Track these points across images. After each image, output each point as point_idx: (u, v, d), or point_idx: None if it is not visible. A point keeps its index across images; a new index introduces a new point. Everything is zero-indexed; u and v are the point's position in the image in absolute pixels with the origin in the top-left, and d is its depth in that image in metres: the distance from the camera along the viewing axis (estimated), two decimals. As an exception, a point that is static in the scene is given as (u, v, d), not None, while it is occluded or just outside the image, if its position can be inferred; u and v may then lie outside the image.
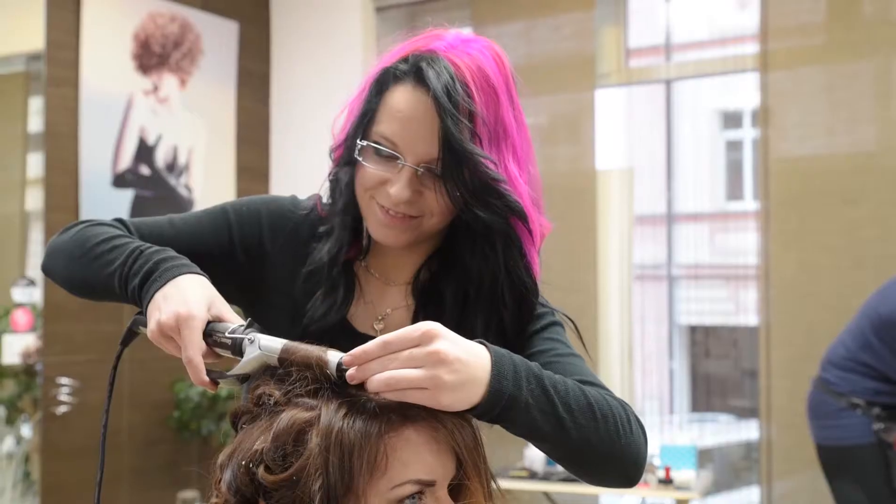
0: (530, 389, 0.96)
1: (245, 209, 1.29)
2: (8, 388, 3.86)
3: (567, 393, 1.00)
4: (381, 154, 1.16)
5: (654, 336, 7.96)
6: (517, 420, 0.96)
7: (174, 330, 1.02)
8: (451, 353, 0.89)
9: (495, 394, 0.93)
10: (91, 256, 1.18)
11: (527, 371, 0.97)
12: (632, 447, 1.06)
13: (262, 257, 1.27)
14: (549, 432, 0.98)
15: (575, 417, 0.99)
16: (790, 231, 3.91)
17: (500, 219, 1.15)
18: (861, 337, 2.97)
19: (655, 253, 7.94)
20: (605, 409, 1.03)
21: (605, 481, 1.11)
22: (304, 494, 0.83)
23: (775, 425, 3.94)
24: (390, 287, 1.27)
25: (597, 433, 1.01)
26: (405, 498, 0.86)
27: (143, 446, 4.45)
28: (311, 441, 0.85)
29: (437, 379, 0.87)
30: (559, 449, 1.02)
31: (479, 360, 0.92)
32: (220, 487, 0.90)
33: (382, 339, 0.89)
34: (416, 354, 0.88)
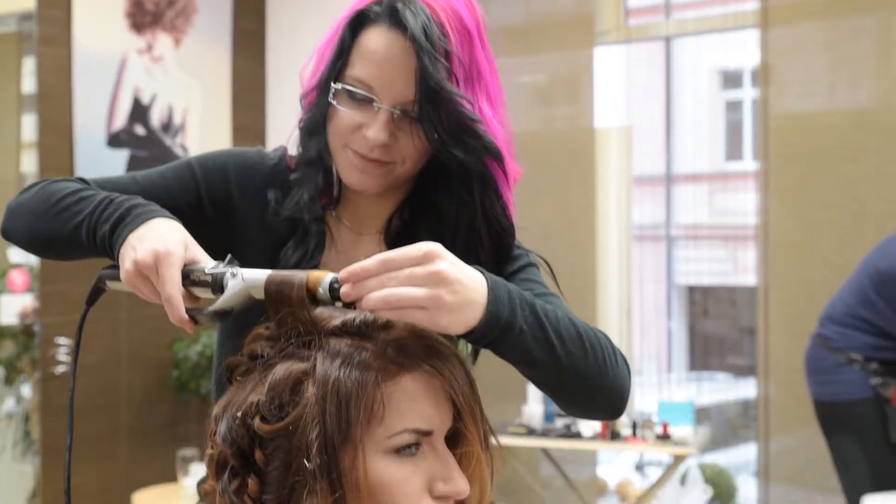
0: (524, 316, 0.96)
1: (210, 162, 1.27)
2: (7, 348, 3.87)
3: (558, 322, 1.00)
4: (355, 98, 1.15)
5: (653, 296, 7.98)
6: (512, 346, 0.96)
7: (151, 269, 0.99)
8: (453, 274, 0.88)
9: (492, 318, 0.92)
10: (56, 210, 1.15)
11: (520, 298, 0.96)
12: (618, 379, 1.06)
13: (230, 210, 1.25)
14: (542, 359, 0.98)
15: (566, 346, 0.99)
16: (790, 189, 3.90)
17: (477, 159, 1.14)
18: (860, 293, 2.97)
19: (654, 213, 7.94)
20: (593, 339, 1.04)
21: (592, 412, 1.12)
22: (300, 444, 0.83)
23: (773, 383, 3.96)
24: (363, 237, 1.26)
25: (586, 363, 1.01)
26: (402, 447, 0.85)
27: (141, 406, 4.47)
28: (307, 391, 0.84)
29: (437, 299, 0.86)
30: (550, 377, 1.02)
31: (478, 284, 0.91)
32: (215, 439, 0.89)
33: (381, 257, 0.87)
34: (418, 273, 0.86)
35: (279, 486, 0.84)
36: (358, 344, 0.87)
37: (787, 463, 3.93)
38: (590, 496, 4.28)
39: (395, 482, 0.84)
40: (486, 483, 0.93)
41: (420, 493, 0.86)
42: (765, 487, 4.01)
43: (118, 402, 4.38)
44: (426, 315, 0.87)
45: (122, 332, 4.41)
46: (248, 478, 0.85)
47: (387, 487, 0.84)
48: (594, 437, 3.37)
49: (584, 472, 4.39)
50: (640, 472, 5.66)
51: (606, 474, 5.20)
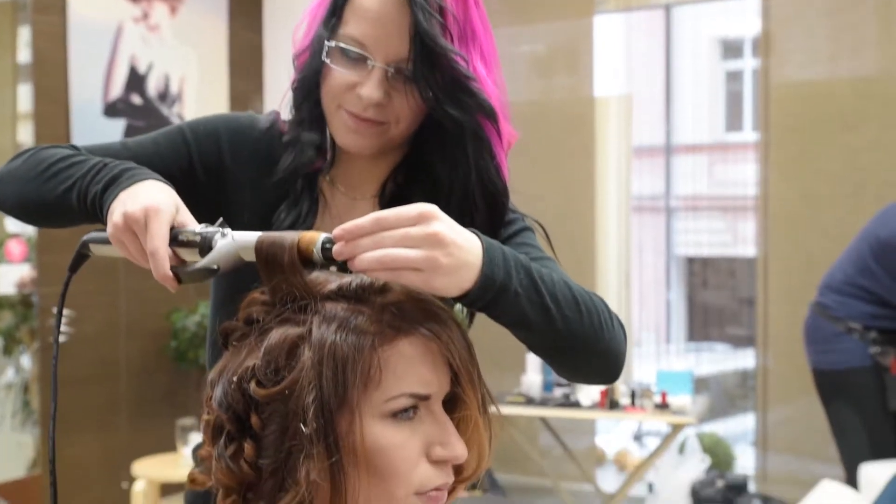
0: (519, 279, 0.94)
1: (202, 128, 1.25)
2: (5, 319, 3.86)
3: (553, 285, 0.99)
4: (349, 56, 1.13)
5: (652, 267, 7.99)
6: (507, 308, 0.95)
7: (140, 223, 0.97)
8: (449, 236, 0.86)
9: (487, 280, 0.91)
10: (47, 176, 1.13)
11: (515, 261, 0.95)
12: (614, 343, 1.06)
13: (222, 176, 1.24)
14: (537, 322, 0.97)
15: (561, 309, 0.98)
16: (790, 159, 3.88)
17: (471, 117, 1.13)
18: (860, 261, 2.96)
19: (653, 184, 7.93)
20: (588, 303, 1.02)
21: (588, 376, 1.11)
22: (297, 408, 0.82)
23: (772, 353, 3.96)
24: (357, 201, 1.25)
25: (581, 326, 1.00)
26: (399, 411, 0.84)
27: (140, 376, 4.48)
28: (303, 355, 0.83)
29: (433, 260, 0.85)
30: (545, 340, 1.01)
31: (473, 246, 0.90)
32: (211, 404, 0.88)
33: (376, 215, 0.86)
34: (413, 234, 0.85)
35: (275, 450, 0.83)
36: (354, 308, 0.86)
37: (785, 432, 3.94)
38: (588, 465, 4.30)
39: (392, 446, 0.83)
40: (483, 447, 0.92)
41: (417, 458, 0.85)
42: (762, 456, 4.03)
43: (117, 372, 4.39)
44: (421, 277, 0.85)
45: (120, 303, 4.40)
46: (244, 442, 0.84)
47: (384, 452, 0.83)
48: (593, 407, 3.38)
49: (582, 442, 4.41)
50: (639, 442, 5.68)
51: (605, 444, 5.23)
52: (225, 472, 0.84)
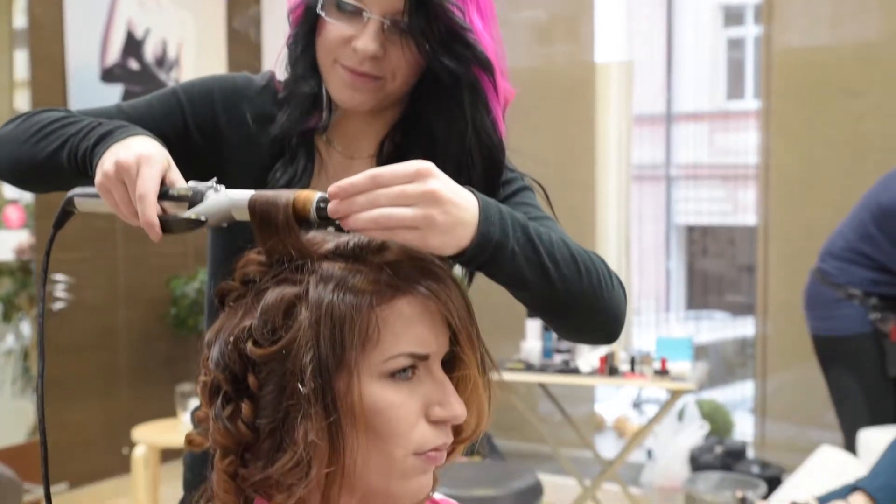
0: (516, 237, 0.94)
1: (196, 89, 1.24)
2: (5, 285, 3.86)
3: (552, 244, 0.98)
4: (344, 9, 1.12)
5: (652, 236, 7.98)
6: (503, 267, 0.94)
7: (131, 170, 0.96)
8: (445, 194, 0.85)
9: (483, 239, 0.90)
10: (39, 136, 1.12)
11: (512, 219, 0.94)
12: (613, 302, 1.05)
13: (217, 136, 1.23)
14: (534, 281, 0.97)
15: (559, 268, 0.98)
16: (791, 126, 3.86)
17: (467, 69, 1.12)
18: (861, 227, 2.95)
19: (654, 153, 7.91)
20: (587, 262, 1.02)
21: (587, 336, 1.10)
22: (294, 367, 0.81)
23: (771, 320, 3.96)
24: (354, 161, 1.24)
25: (580, 285, 1.00)
26: (398, 371, 0.84)
27: (140, 343, 4.48)
28: (300, 314, 0.82)
29: (429, 219, 0.84)
30: (543, 300, 1.00)
31: (469, 204, 0.89)
32: (207, 365, 0.88)
33: (371, 173, 0.85)
34: (410, 192, 0.84)
35: (273, 410, 0.82)
36: (352, 267, 0.85)
37: (784, 400, 3.95)
38: (587, 432, 4.32)
39: (391, 406, 0.83)
40: (483, 407, 0.91)
41: (416, 418, 0.84)
42: (761, 423, 4.04)
43: (117, 339, 4.39)
44: (417, 235, 0.85)
45: (119, 271, 4.40)
46: (241, 403, 0.84)
47: (382, 412, 0.83)
48: (592, 373, 3.38)
49: (581, 409, 4.42)
50: (638, 410, 5.71)
51: (604, 412, 5.25)
52: (222, 432, 0.84)
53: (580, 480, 3.60)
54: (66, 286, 4.13)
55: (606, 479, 3.57)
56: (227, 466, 0.84)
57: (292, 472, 0.80)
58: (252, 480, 0.83)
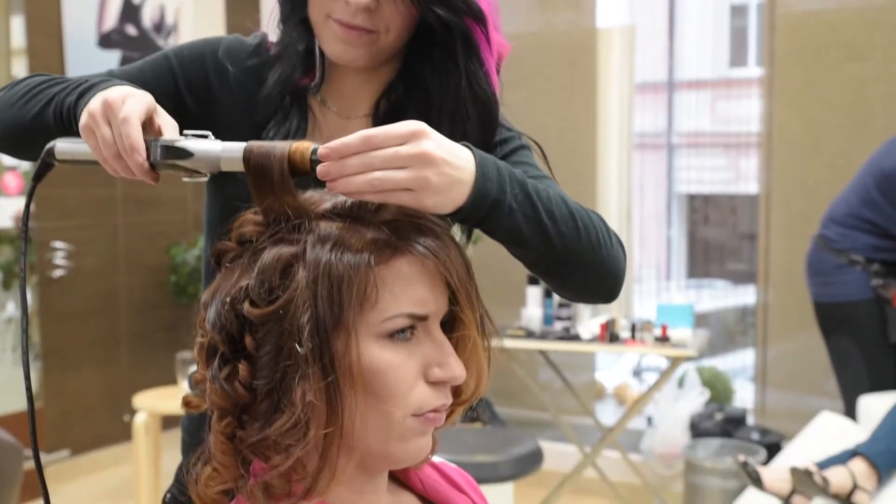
0: (514, 194, 0.93)
1: (187, 52, 1.23)
2: (4, 253, 3.85)
3: (549, 200, 0.97)
4: None
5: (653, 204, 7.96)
6: (501, 224, 0.94)
7: (116, 105, 0.94)
8: (439, 154, 0.85)
9: (480, 196, 0.90)
10: (27, 98, 1.11)
11: (510, 175, 0.94)
12: (612, 259, 1.05)
13: (209, 100, 1.22)
14: (532, 238, 0.96)
15: (557, 225, 0.97)
16: (795, 92, 3.83)
17: (459, 19, 1.11)
18: (864, 192, 2.94)
19: (656, 121, 7.86)
20: (586, 219, 1.01)
21: (584, 294, 1.10)
22: (291, 328, 0.80)
23: (773, 288, 3.96)
24: (350, 121, 1.22)
25: (578, 242, 1.00)
26: (396, 331, 0.83)
27: (141, 310, 4.49)
28: (297, 274, 0.81)
29: (423, 180, 0.84)
30: (541, 257, 1.00)
31: (465, 163, 0.89)
32: (204, 326, 0.87)
33: (364, 134, 0.83)
34: (403, 153, 0.83)
35: (270, 371, 0.81)
36: (350, 227, 0.84)
37: (784, 367, 3.96)
38: (588, 399, 4.33)
39: (389, 367, 0.82)
40: (482, 368, 0.90)
41: (415, 379, 0.84)
42: (761, 391, 4.05)
43: (117, 306, 4.40)
44: (412, 196, 0.84)
45: (119, 238, 4.40)
46: (238, 364, 0.83)
47: (381, 373, 0.82)
48: (593, 340, 3.38)
49: (582, 377, 4.43)
50: (638, 378, 5.72)
51: (604, 379, 5.25)
52: (219, 393, 0.83)
53: (580, 447, 3.61)
54: (66, 253, 4.12)
55: (606, 445, 3.58)
56: (225, 428, 0.84)
57: (290, 434, 0.80)
58: (249, 442, 0.82)
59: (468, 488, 1.04)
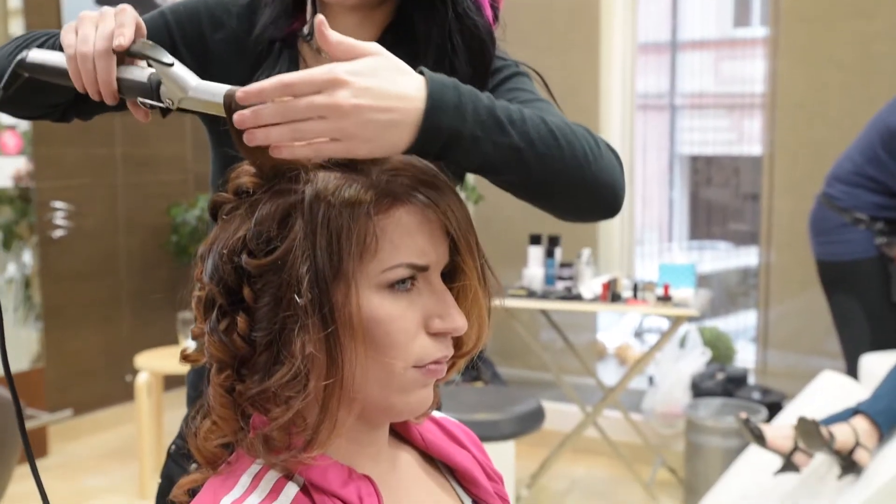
0: (479, 121, 0.89)
1: (182, 7, 1.22)
2: (4, 213, 3.84)
3: (524, 122, 0.93)
4: None
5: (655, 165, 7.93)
6: (465, 154, 0.89)
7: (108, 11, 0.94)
8: (359, 102, 0.80)
9: (431, 132, 0.85)
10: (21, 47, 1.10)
11: (475, 102, 0.89)
12: (604, 172, 1.00)
13: (205, 55, 1.20)
14: (508, 164, 0.92)
15: (534, 146, 0.93)
16: (799, 50, 3.79)
17: None
18: (869, 150, 2.92)
19: (658, 81, 7.81)
20: (568, 135, 0.97)
21: (584, 212, 1.05)
22: (290, 278, 0.79)
23: (775, 248, 3.94)
24: None
25: (562, 160, 0.95)
26: (397, 282, 0.81)
27: (142, 270, 4.48)
28: (295, 224, 0.80)
29: (343, 131, 0.80)
30: (523, 180, 0.96)
31: (402, 102, 0.84)
32: (202, 278, 0.86)
33: (282, 79, 0.80)
34: (317, 103, 0.79)
35: (269, 322, 0.80)
36: (348, 176, 0.82)
37: (786, 328, 3.95)
38: (589, 359, 4.34)
39: (390, 318, 0.81)
40: (483, 319, 0.89)
41: (415, 330, 0.83)
42: (763, 352, 4.05)
43: (118, 267, 4.39)
44: (341, 147, 0.81)
45: (119, 198, 4.38)
46: (236, 316, 0.82)
47: (381, 324, 0.81)
48: (594, 299, 3.37)
49: (583, 337, 4.43)
50: (639, 339, 5.73)
51: (605, 340, 5.26)
52: (218, 346, 0.82)
53: (581, 407, 3.62)
54: (66, 214, 4.11)
55: (608, 405, 3.59)
56: (224, 381, 0.83)
57: (290, 385, 0.79)
58: (249, 394, 0.81)
59: (469, 443, 1.03)
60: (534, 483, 3.63)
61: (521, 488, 3.59)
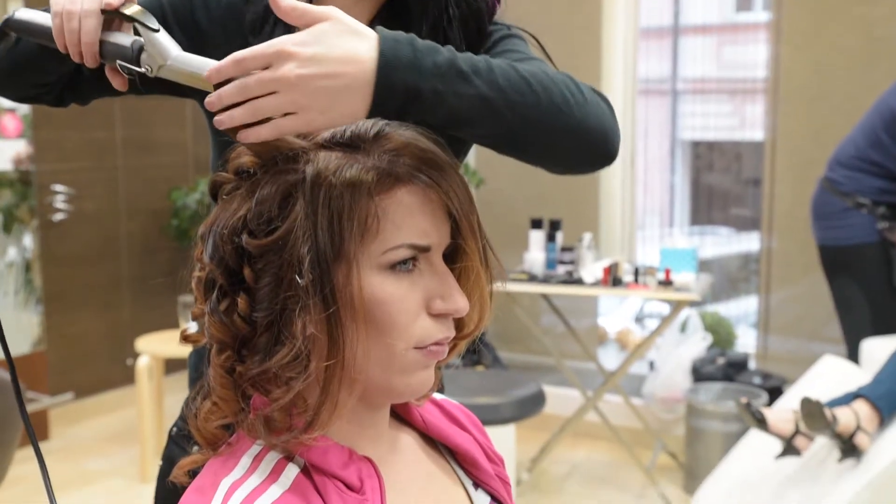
0: (438, 74, 0.86)
1: None
2: (5, 197, 3.83)
3: (492, 71, 0.89)
4: None
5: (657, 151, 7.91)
6: (428, 110, 0.87)
7: None
8: (305, 72, 0.79)
9: (386, 90, 0.83)
10: None
11: (433, 55, 0.86)
12: (591, 117, 0.95)
13: (199, 35, 1.19)
14: (477, 116, 0.89)
15: (506, 95, 0.89)
16: (802, 33, 3.78)
17: None
18: (871, 134, 2.90)
19: (660, 66, 7.78)
20: (544, 81, 0.92)
21: (573, 162, 0.99)
22: (291, 259, 0.78)
23: (777, 234, 3.94)
24: None
25: (537, 107, 0.90)
26: (398, 263, 0.81)
27: (142, 254, 4.48)
28: (296, 204, 0.79)
29: (297, 104, 0.80)
30: (498, 133, 0.92)
31: (353, 65, 0.82)
32: (202, 259, 0.85)
33: (234, 57, 0.80)
34: (266, 78, 0.79)
35: (270, 303, 0.80)
36: (349, 156, 0.82)
37: (787, 314, 3.95)
38: (590, 344, 4.34)
39: (392, 299, 0.81)
40: (485, 301, 0.89)
41: (417, 311, 0.82)
42: (763, 337, 4.05)
43: (119, 250, 4.39)
44: (300, 120, 0.80)
45: (119, 181, 4.37)
46: (237, 296, 0.82)
47: (383, 305, 0.80)
48: (595, 284, 3.36)
49: (584, 322, 4.43)
50: (640, 325, 5.72)
51: (606, 325, 5.26)
52: (218, 326, 0.82)
53: (582, 391, 3.62)
54: (67, 197, 4.11)
55: (608, 389, 3.59)
56: (224, 362, 0.82)
57: (291, 366, 0.78)
58: (249, 375, 0.81)
59: (471, 426, 1.03)
60: (534, 467, 3.64)
61: (521, 472, 3.60)
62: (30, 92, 1.15)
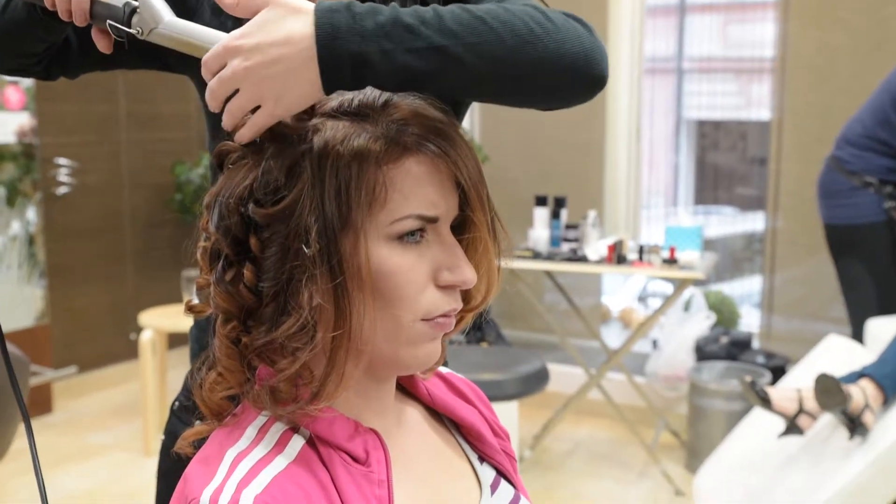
0: (383, 34, 0.81)
1: None
2: (7, 170, 3.82)
3: (440, 18, 0.84)
4: None
5: (662, 130, 7.88)
6: (381, 72, 0.82)
7: None
8: (246, 65, 0.79)
9: (330, 61, 0.80)
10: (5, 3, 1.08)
11: (374, 16, 0.82)
12: (567, 42, 0.88)
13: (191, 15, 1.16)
14: (436, 69, 0.83)
15: (460, 38, 0.83)
16: (810, 12, 3.75)
17: None
18: (879, 113, 2.89)
19: (666, 45, 7.74)
20: (502, 17, 0.85)
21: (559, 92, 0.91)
22: (298, 228, 0.78)
23: (782, 213, 3.92)
24: None
25: (500, 43, 0.84)
26: (406, 233, 0.80)
27: (146, 228, 4.48)
28: (304, 173, 0.78)
29: (255, 97, 0.79)
30: (466, 81, 0.85)
31: (291, 45, 0.80)
32: (207, 228, 0.84)
33: (204, 61, 0.81)
34: (224, 78, 0.80)
35: (276, 273, 0.79)
36: (357, 125, 0.81)
37: (791, 293, 3.95)
38: (594, 322, 4.33)
39: (399, 270, 0.80)
40: (493, 273, 0.88)
41: (424, 282, 0.81)
42: (767, 317, 4.05)
43: (122, 224, 4.39)
44: (264, 113, 0.80)
45: (122, 155, 4.36)
46: (243, 267, 0.81)
47: (390, 275, 0.80)
48: (600, 261, 3.35)
49: (588, 300, 4.43)
50: (643, 304, 5.72)
51: (610, 303, 5.26)
52: (224, 296, 0.81)
53: (586, 369, 3.62)
54: (70, 170, 4.10)
55: (612, 368, 3.59)
56: (230, 332, 0.82)
57: (297, 337, 0.78)
58: (255, 346, 0.80)
59: (476, 399, 1.02)
60: (537, 444, 3.65)
61: (524, 449, 3.61)
62: (16, 62, 1.13)
